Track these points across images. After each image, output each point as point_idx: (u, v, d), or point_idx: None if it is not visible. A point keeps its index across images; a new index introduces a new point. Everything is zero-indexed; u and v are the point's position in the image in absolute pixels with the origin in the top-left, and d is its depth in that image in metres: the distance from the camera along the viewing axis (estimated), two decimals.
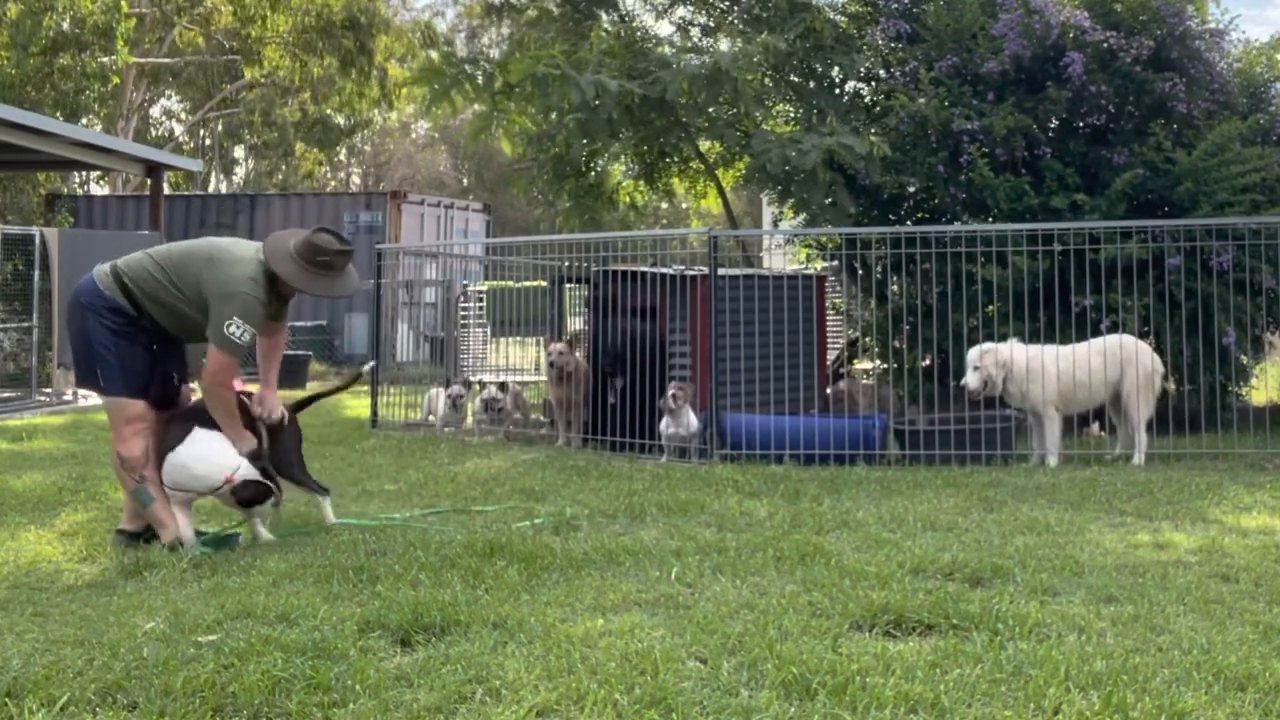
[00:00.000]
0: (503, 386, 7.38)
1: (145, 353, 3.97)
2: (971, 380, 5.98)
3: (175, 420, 3.97)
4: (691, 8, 10.06)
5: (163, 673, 2.55)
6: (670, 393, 6.14)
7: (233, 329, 3.78)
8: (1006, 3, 7.76)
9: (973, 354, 6.07)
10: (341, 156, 33.53)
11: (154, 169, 11.97)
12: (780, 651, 2.65)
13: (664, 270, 6.80)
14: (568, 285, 8.13)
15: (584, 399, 6.84)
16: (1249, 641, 2.82)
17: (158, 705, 2.39)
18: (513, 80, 8.06)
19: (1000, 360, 5.99)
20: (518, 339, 10.58)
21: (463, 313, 12.07)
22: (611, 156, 9.57)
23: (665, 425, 6.23)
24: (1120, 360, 6.09)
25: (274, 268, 3.90)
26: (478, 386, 7.61)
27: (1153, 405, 6.16)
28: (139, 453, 3.89)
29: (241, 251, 3.96)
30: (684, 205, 16.46)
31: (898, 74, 8.09)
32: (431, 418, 7.59)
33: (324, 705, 2.39)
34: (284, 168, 27.12)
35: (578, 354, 7.01)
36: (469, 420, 7.53)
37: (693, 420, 6.17)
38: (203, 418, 3.95)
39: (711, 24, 10.00)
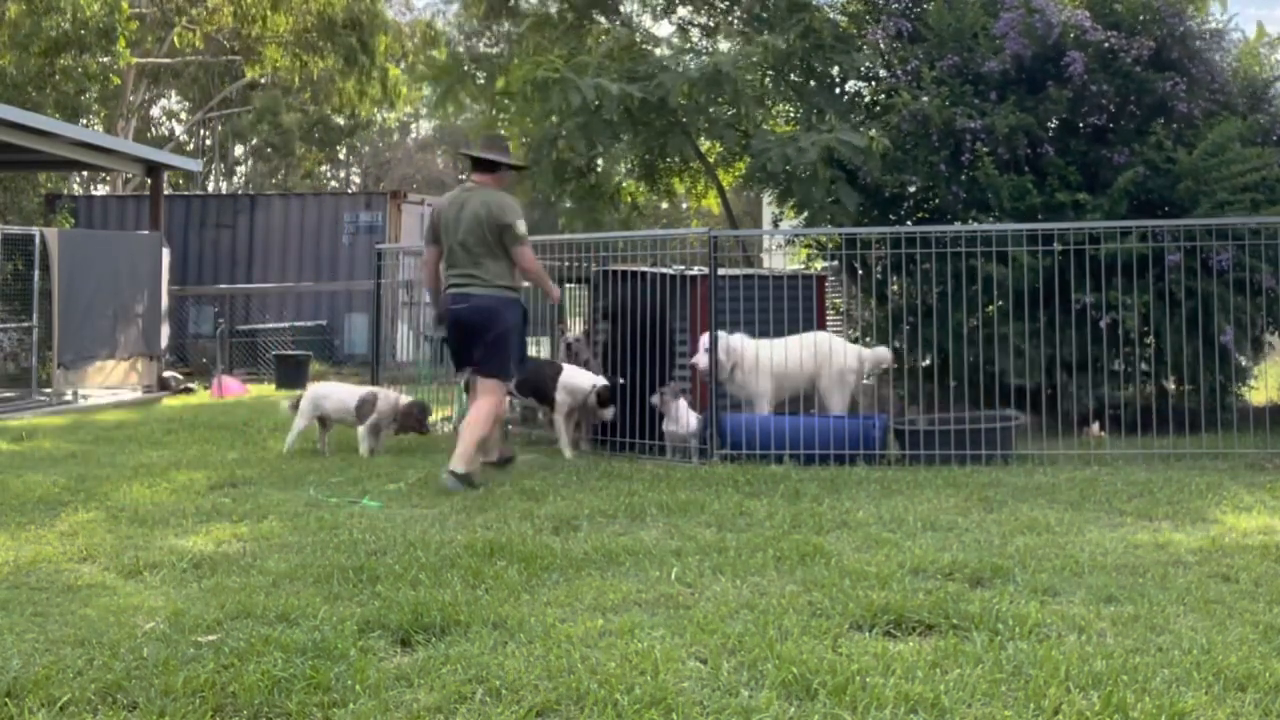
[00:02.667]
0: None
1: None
2: (701, 360, 6.28)
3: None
4: (690, 9, 10.07)
5: (163, 673, 2.56)
6: (655, 398, 6.24)
7: (521, 228, 5.27)
8: (1008, 2, 7.76)
9: (707, 338, 6.31)
10: (342, 156, 33.57)
11: (154, 169, 11.97)
12: (780, 651, 2.66)
13: (664, 270, 6.80)
14: (568, 285, 8.13)
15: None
16: (1249, 641, 2.82)
17: (158, 705, 2.40)
18: (514, 86, 8.08)
19: (730, 348, 6.27)
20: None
21: None
22: (612, 158, 9.58)
23: (667, 424, 6.26)
24: (817, 356, 6.42)
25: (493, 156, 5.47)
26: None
27: (847, 397, 6.47)
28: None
29: (474, 212, 5.35)
30: (684, 205, 16.47)
31: (899, 73, 8.10)
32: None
33: (324, 705, 2.40)
34: (284, 168, 27.15)
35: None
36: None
37: (691, 419, 6.19)
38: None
39: (711, 24, 10.01)
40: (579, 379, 6.36)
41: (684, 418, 6.20)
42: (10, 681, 2.51)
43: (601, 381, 6.40)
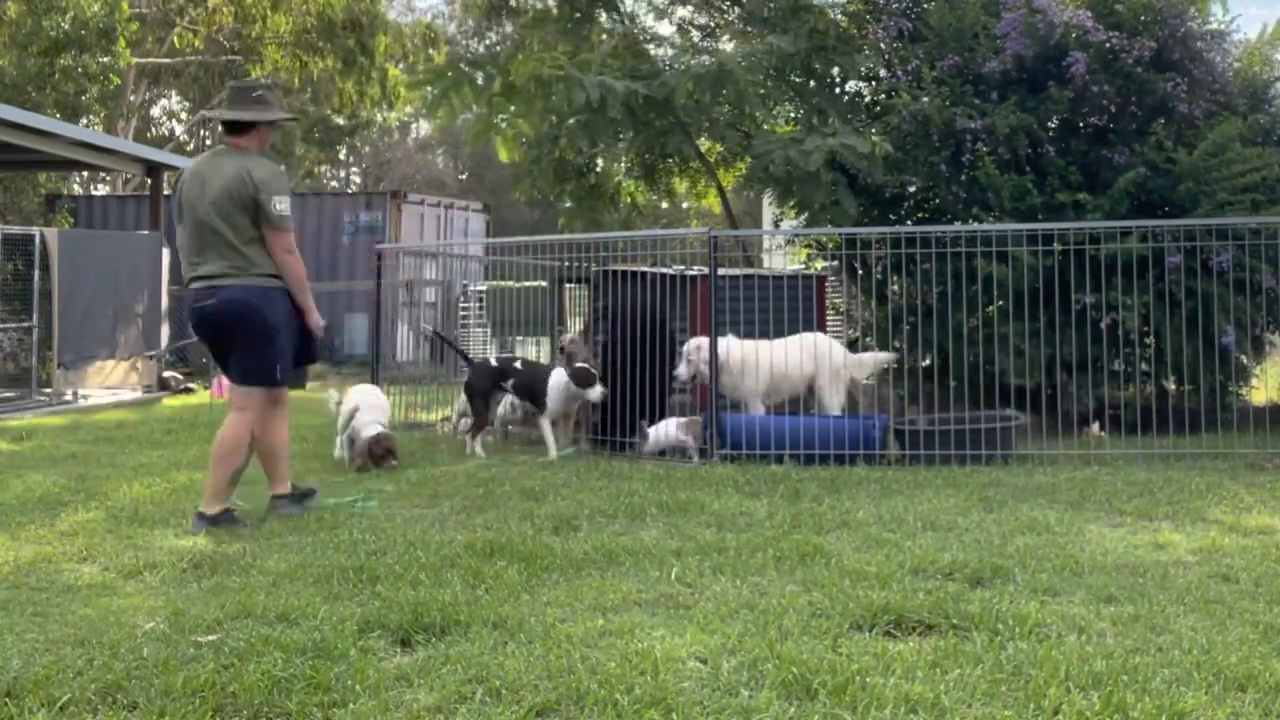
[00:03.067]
0: None
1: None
2: (683, 371, 6.30)
3: None
4: (692, 8, 10.08)
5: (163, 673, 2.56)
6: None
7: (279, 206, 4.27)
8: (1009, 2, 7.78)
9: (689, 346, 6.35)
10: (342, 156, 33.58)
11: (154, 169, 11.98)
12: (780, 651, 2.66)
13: (664, 270, 6.81)
14: (568, 285, 8.13)
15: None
16: (1249, 641, 2.82)
17: (158, 705, 2.40)
18: (517, 82, 8.07)
19: (721, 351, 6.30)
20: (518, 338, 10.58)
21: (463, 313, 12.06)
22: (613, 157, 9.59)
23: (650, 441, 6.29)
24: (815, 356, 6.47)
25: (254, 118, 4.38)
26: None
27: (843, 395, 6.50)
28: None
29: (223, 184, 4.31)
30: (684, 205, 16.49)
31: (900, 73, 8.11)
32: (464, 420, 7.39)
33: (324, 705, 2.40)
34: (284, 167, 27.14)
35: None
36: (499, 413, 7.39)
37: (670, 427, 6.21)
38: None
39: (712, 25, 10.02)
40: (562, 377, 6.34)
41: (660, 430, 6.19)
42: (10, 681, 2.51)
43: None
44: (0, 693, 2.46)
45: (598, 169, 10.05)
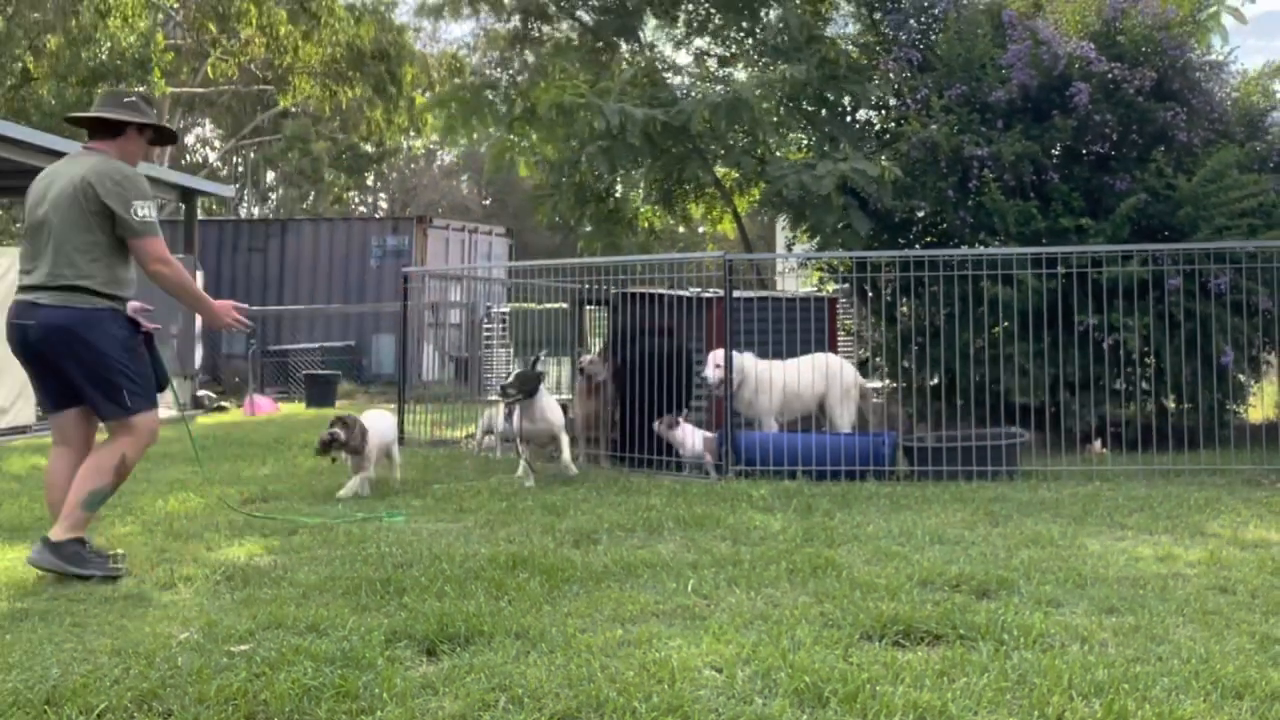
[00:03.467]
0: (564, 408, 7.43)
1: (146, 349, 3.96)
2: (712, 375, 6.35)
3: None
4: (708, 38, 10.28)
5: (197, 681, 2.59)
6: (658, 426, 6.38)
7: (141, 211, 3.69)
8: (1015, 34, 7.89)
9: (719, 353, 6.39)
10: (370, 182, 34.09)
11: (188, 194, 12.25)
12: (793, 661, 2.69)
13: (681, 293, 6.94)
14: (588, 307, 8.28)
15: (611, 416, 6.96)
16: (1246, 651, 2.86)
17: (192, 713, 2.44)
18: (540, 110, 8.28)
19: (737, 367, 6.36)
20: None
21: (486, 333, 12.25)
22: (631, 183, 9.76)
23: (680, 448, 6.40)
24: (826, 375, 6.54)
25: (125, 117, 3.80)
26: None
27: (853, 413, 6.58)
28: (137, 460, 3.91)
29: (72, 186, 3.73)
30: (700, 230, 16.64)
31: (909, 102, 8.23)
32: (489, 437, 7.41)
33: (352, 713, 2.43)
34: (314, 194, 27.63)
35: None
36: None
37: (697, 439, 6.31)
38: None
39: (728, 54, 10.21)
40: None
41: (689, 439, 6.31)
42: (49, 690, 2.53)
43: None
44: (40, 701, 2.49)
45: (616, 194, 10.22)
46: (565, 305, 8.76)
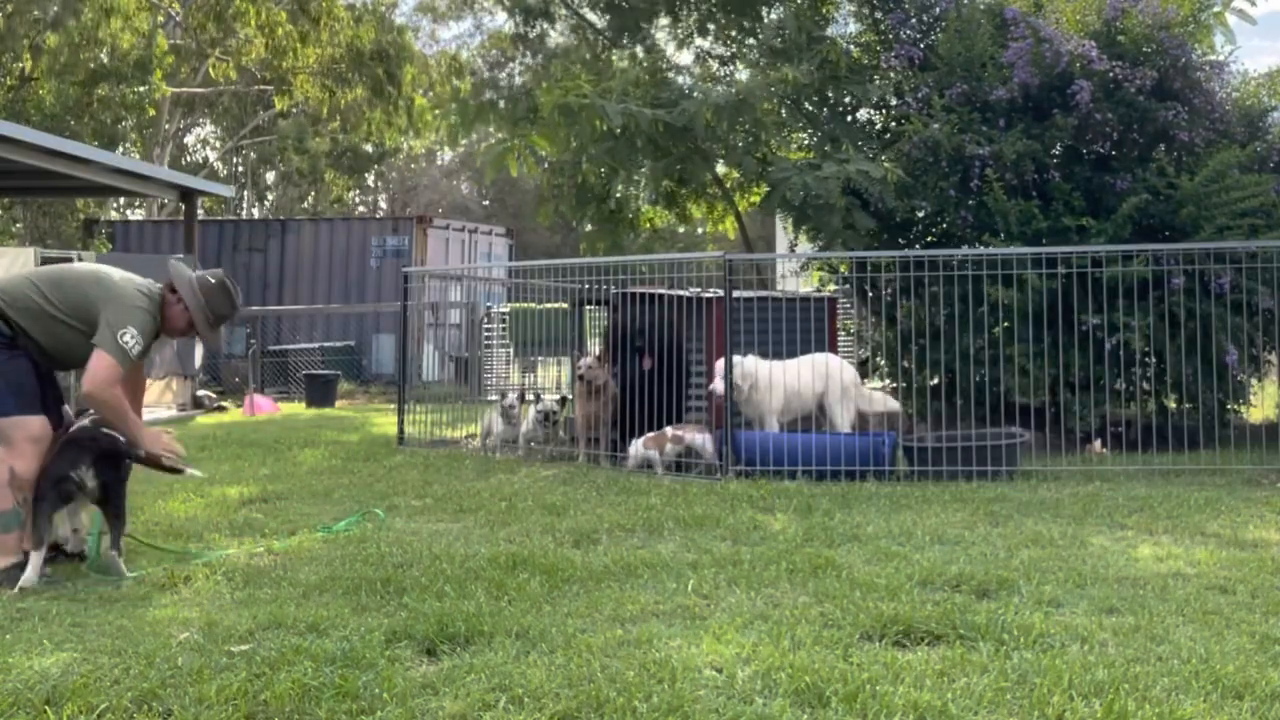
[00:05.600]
0: (562, 401, 7.37)
1: (32, 370, 3.94)
2: (719, 389, 6.38)
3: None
4: (710, 39, 10.28)
5: (197, 681, 2.60)
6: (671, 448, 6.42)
7: (127, 338, 3.85)
8: (1016, 31, 7.89)
9: (722, 365, 6.41)
10: (370, 182, 34.11)
11: (188, 194, 12.25)
12: (793, 660, 2.71)
13: (681, 293, 6.95)
14: (588, 307, 8.28)
15: (610, 417, 6.96)
16: (1246, 651, 2.87)
17: (192, 712, 2.45)
18: (544, 112, 8.29)
19: (746, 372, 6.39)
20: (539, 358, 10.73)
21: (486, 333, 12.25)
22: (633, 183, 9.76)
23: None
24: (825, 375, 6.56)
25: (188, 301, 4.01)
26: (533, 398, 7.57)
27: (852, 413, 6.59)
28: (33, 471, 3.81)
29: (126, 276, 4.06)
30: (700, 230, 16.64)
31: (910, 101, 8.23)
32: (490, 437, 7.44)
33: (353, 713, 2.45)
34: (314, 194, 27.66)
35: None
36: (523, 429, 7.42)
37: (707, 441, 6.34)
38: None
39: (730, 54, 10.21)
40: None
41: (700, 440, 6.34)
42: (50, 690, 2.56)
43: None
44: (40, 701, 2.50)
45: (618, 194, 10.23)
46: (565, 305, 8.76)
